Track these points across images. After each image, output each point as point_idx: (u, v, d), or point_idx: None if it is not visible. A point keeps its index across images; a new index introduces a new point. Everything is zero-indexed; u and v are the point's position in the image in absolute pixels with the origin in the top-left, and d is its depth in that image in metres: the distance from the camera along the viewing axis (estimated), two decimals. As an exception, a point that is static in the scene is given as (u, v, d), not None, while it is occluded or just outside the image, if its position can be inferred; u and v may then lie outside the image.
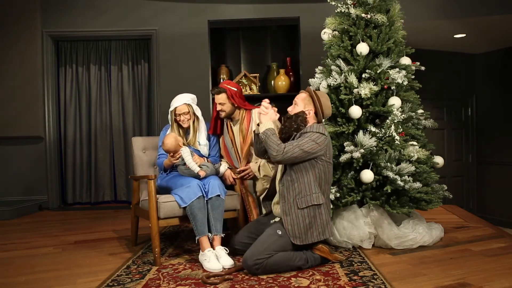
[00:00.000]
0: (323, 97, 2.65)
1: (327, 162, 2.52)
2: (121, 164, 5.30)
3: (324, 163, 2.50)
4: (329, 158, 2.54)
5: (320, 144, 2.46)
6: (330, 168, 2.57)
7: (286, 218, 2.48)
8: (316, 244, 2.52)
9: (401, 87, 3.08)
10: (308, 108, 2.61)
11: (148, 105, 5.34)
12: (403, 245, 2.88)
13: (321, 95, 2.65)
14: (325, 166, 2.51)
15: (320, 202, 2.47)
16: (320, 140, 2.46)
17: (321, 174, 2.50)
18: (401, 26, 3.27)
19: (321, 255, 2.54)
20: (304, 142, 2.44)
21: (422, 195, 2.96)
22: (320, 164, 2.49)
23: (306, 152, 2.43)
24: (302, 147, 2.42)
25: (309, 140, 2.45)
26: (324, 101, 2.63)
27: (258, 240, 2.44)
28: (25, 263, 2.78)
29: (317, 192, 2.48)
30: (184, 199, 2.65)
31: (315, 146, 2.44)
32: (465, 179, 6.85)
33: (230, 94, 3.07)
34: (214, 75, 4.31)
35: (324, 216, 2.50)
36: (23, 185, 5.07)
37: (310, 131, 2.50)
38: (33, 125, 5.03)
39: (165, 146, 2.86)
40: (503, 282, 2.21)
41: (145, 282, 2.31)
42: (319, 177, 2.50)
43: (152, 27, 5.06)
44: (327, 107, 2.64)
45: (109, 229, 3.81)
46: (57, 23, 5.06)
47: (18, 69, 4.96)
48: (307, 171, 2.49)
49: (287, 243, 2.45)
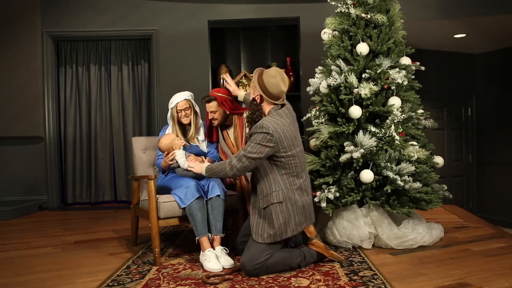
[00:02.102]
0: (266, 76, 2.41)
1: (286, 155, 2.36)
2: (121, 164, 5.30)
3: (282, 158, 2.36)
4: (287, 149, 2.36)
5: (268, 144, 2.30)
6: (293, 159, 2.39)
7: (252, 217, 2.48)
8: (311, 239, 2.56)
9: (401, 87, 3.08)
10: (255, 94, 2.45)
11: (148, 105, 5.34)
12: (403, 245, 2.88)
13: (266, 73, 2.43)
14: (285, 159, 2.37)
15: (280, 199, 2.36)
16: (266, 140, 2.29)
17: (283, 169, 2.39)
18: (401, 26, 3.27)
19: (317, 251, 2.55)
20: (250, 149, 2.31)
21: (422, 195, 2.96)
22: (277, 160, 2.37)
23: (255, 159, 2.31)
24: (249, 155, 2.31)
25: (255, 144, 2.31)
26: (267, 80, 2.40)
27: (250, 242, 2.42)
28: (25, 263, 2.78)
29: (277, 190, 2.38)
30: (183, 200, 2.65)
31: (262, 149, 2.30)
32: (465, 179, 6.85)
33: (221, 101, 3.06)
34: (214, 75, 4.30)
35: (285, 214, 2.37)
36: (23, 185, 5.07)
37: (255, 132, 2.34)
38: (33, 125, 5.03)
39: (159, 145, 2.92)
40: (503, 282, 2.21)
41: (145, 282, 2.31)
42: (282, 172, 2.39)
43: (152, 27, 5.06)
44: (270, 84, 2.39)
45: (109, 229, 3.81)
46: (57, 23, 5.06)
47: (18, 69, 4.96)
48: (270, 170, 2.40)
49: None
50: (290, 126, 2.42)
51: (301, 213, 2.44)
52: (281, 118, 2.40)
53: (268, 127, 2.31)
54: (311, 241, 2.58)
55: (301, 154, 2.50)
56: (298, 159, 2.45)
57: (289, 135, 2.38)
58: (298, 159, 2.45)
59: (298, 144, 2.47)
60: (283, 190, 2.39)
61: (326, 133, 3.08)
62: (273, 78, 2.40)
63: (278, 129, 2.33)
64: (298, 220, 2.42)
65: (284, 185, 2.40)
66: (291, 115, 2.52)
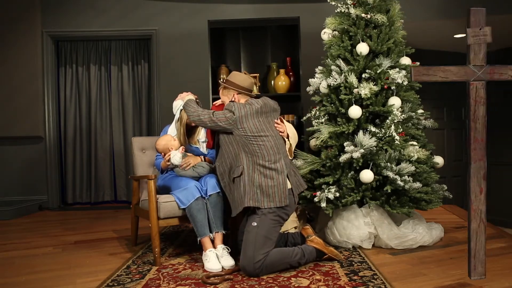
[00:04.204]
0: (232, 76, 2.76)
1: (246, 135, 2.53)
2: (121, 164, 5.30)
3: (243, 137, 2.53)
4: (247, 131, 2.54)
5: (228, 118, 2.53)
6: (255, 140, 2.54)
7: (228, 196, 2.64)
8: (309, 236, 2.60)
9: (401, 87, 3.08)
10: (231, 95, 2.75)
11: (148, 105, 5.34)
12: (403, 245, 2.88)
13: (232, 76, 2.77)
14: (246, 139, 2.53)
15: (239, 174, 2.52)
16: (228, 115, 2.54)
17: (246, 148, 2.53)
18: (401, 26, 3.27)
19: (315, 247, 2.56)
20: (215, 114, 2.57)
21: (422, 195, 2.96)
22: (238, 137, 2.55)
23: (213, 121, 2.56)
24: (213, 117, 2.56)
25: (219, 114, 2.57)
26: (235, 78, 2.74)
27: (244, 243, 2.42)
28: (25, 263, 2.78)
29: (238, 166, 2.54)
30: (183, 201, 2.65)
31: (222, 118, 2.54)
32: (465, 179, 6.85)
33: None
34: (214, 75, 4.31)
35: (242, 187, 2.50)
36: (23, 185, 5.07)
37: (224, 108, 2.63)
38: (33, 125, 5.03)
39: (156, 147, 2.94)
40: (503, 282, 2.21)
41: (145, 282, 2.31)
42: (246, 150, 2.53)
43: (152, 27, 5.07)
44: (242, 80, 2.73)
45: (109, 229, 3.82)
46: (57, 23, 5.06)
47: (18, 69, 4.97)
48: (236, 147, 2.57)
49: (268, 231, 2.43)
50: (258, 113, 2.61)
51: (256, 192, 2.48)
52: (250, 105, 2.60)
53: (234, 106, 2.56)
54: (310, 238, 2.60)
55: (273, 141, 2.59)
56: (267, 143, 2.56)
57: (253, 119, 2.58)
58: (267, 144, 2.56)
59: (266, 130, 2.60)
60: (244, 166, 2.52)
61: (326, 133, 3.08)
62: (240, 75, 2.76)
63: (242, 110, 2.55)
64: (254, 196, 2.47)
65: (246, 163, 2.52)
66: (264, 103, 2.67)
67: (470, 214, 2.13)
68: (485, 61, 2.12)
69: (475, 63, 2.13)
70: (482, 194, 2.13)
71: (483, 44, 2.12)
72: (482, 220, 2.13)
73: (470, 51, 2.13)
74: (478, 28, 2.10)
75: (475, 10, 2.11)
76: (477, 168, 2.13)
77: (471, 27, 2.10)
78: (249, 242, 2.39)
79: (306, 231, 2.67)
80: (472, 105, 2.12)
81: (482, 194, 2.13)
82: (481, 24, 2.10)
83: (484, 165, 2.13)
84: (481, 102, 2.13)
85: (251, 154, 2.52)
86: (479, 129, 2.12)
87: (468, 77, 2.13)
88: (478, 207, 2.13)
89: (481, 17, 2.10)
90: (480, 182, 2.13)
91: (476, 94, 2.13)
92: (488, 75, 2.13)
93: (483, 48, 2.13)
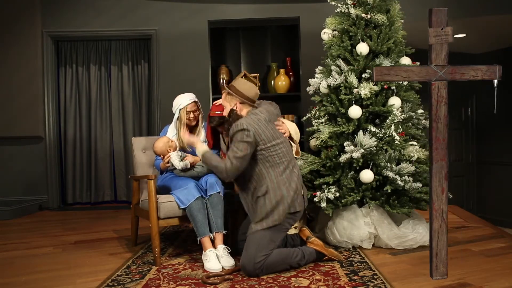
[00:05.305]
0: (238, 83, 2.60)
1: (266, 147, 2.45)
2: (121, 164, 5.30)
3: (263, 151, 2.45)
4: (266, 141, 2.45)
5: (248, 139, 2.40)
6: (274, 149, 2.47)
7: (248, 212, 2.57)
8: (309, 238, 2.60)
9: (401, 87, 3.08)
10: (233, 103, 2.59)
11: (148, 105, 5.34)
12: (403, 245, 2.88)
13: (236, 83, 2.61)
14: (266, 151, 2.45)
15: (263, 192, 2.45)
16: (245, 135, 2.40)
17: (267, 163, 2.46)
18: (401, 26, 3.27)
19: (315, 249, 2.56)
20: (235, 150, 2.41)
21: (422, 195, 2.97)
22: (259, 154, 2.45)
23: (242, 157, 2.40)
24: (237, 155, 2.39)
25: (238, 143, 2.41)
26: (242, 86, 2.58)
27: (247, 241, 2.43)
28: (25, 263, 2.79)
29: (263, 184, 2.45)
30: (183, 201, 2.65)
31: (246, 146, 2.40)
32: (465, 179, 6.85)
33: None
34: (214, 75, 4.31)
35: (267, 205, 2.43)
36: (23, 185, 5.07)
37: (233, 133, 2.45)
38: (33, 125, 5.03)
39: (154, 149, 2.93)
40: (503, 282, 2.21)
41: (145, 282, 2.31)
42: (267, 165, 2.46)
43: (152, 27, 5.07)
44: (247, 89, 2.58)
45: (109, 229, 3.82)
46: (57, 23, 5.06)
47: (18, 69, 4.97)
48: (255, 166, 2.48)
49: (274, 235, 2.43)
50: (266, 121, 2.52)
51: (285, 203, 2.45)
52: (256, 116, 2.52)
53: (243, 123, 2.43)
54: (310, 240, 2.60)
55: (286, 147, 2.56)
56: (283, 149, 2.52)
57: (265, 128, 2.48)
58: (283, 150, 2.51)
59: (278, 136, 2.55)
60: (268, 184, 2.45)
61: (326, 133, 3.08)
62: (245, 84, 2.59)
63: (252, 124, 2.44)
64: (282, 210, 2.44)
65: (269, 179, 2.46)
66: (268, 111, 2.61)
67: (431, 214, 2.13)
68: (447, 61, 2.12)
69: (437, 63, 2.14)
70: (444, 194, 2.13)
71: (444, 44, 2.12)
72: (444, 220, 2.14)
73: (432, 51, 2.14)
74: (440, 28, 2.10)
75: (436, 10, 2.11)
76: (438, 168, 2.12)
77: (433, 27, 2.10)
78: (253, 241, 2.40)
79: (304, 233, 2.67)
80: (433, 105, 2.13)
81: (444, 194, 2.13)
82: (443, 24, 2.10)
83: (446, 165, 2.12)
84: (442, 102, 2.13)
85: (272, 167, 2.47)
86: (440, 129, 2.13)
87: (430, 77, 2.13)
88: (440, 207, 2.14)
89: (443, 17, 2.11)
90: (442, 182, 2.13)
91: (438, 94, 2.13)
92: (449, 75, 2.13)
93: (444, 48, 2.13)
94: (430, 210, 2.13)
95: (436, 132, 2.11)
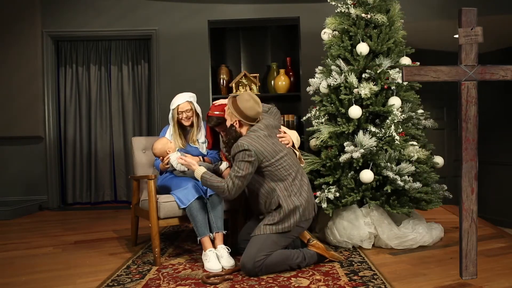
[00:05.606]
0: (241, 101, 2.53)
1: (270, 163, 2.45)
2: (121, 164, 5.30)
3: (268, 167, 2.46)
4: (269, 158, 2.45)
5: (249, 159, 2.39)
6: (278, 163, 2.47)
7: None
8: (311, 240, 2.58)
9: (401, 87, 3.08)
10: (233, 120, 2.56)
11: (148, 105, 5.34)
12: (403, 245, 2.88)
13: (239, 99, 2.54)
14: (271, 167, 2.46)
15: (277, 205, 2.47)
16: (247, 155, 2.39)
17: (274, 177, 2.47)
18: (401, 26, 3.27)
19: (317, 252, 2.55)
20: (237, 169, 2.40)
21: (422, 195, 2.97)
22: (265, 170, 2.47)
23: (244, 176, 2.40)
24: (238, 174, 2.39)
25: (239, 163, 2.41)
26: (243, 104, 2.51)
27: (250, 241, 2.44)
28: (25, 263, 2.79)
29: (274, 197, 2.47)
30: (183, 201, 2.65)
31: (247, 165, 2.40)
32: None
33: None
34: (214, 75, 4.31)
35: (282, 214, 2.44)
36: (23, 185, 5.07)
37: (235, 152, 2.44)
38: (33, 125, 5.03)
39: (153, 151, 2.93)
40: (503, 282, 2.21)
41: (145, 282, 2.31)
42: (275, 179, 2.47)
43: (152, 27, 5.06)
44: (248, 108, 2.50)
45: (109, 229, 3.82)
46: (57, 23, 5.06)
47: (18, 69, 4.96)
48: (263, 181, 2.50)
49: (280, 238, 2.44)
50: (266, 137, 2.51)
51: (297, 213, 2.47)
52: (256, 133, 2.51)
53: (243, 144, 2.41)
54: (311, 242, 2.58)
55: (291, 158, 2.55)
56: (288, 161, 2.51)
57: (266, 145, 2.47)
58: (289, 162, 2.51)
59: (281, 149, 2.53)
60: (280, 197, 2.46)
61: (326, 133, 3.08)
62: (247, 102, 2.52)
63: (253, 143, 2.43)
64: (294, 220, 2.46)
65: (280, 191, 2.47)
66: (267, 126, 2.58)
67: (461, 214, 2.13)
68: (477, 61, 2.12)
69: (467, 63, 2.13)
70: (474, 194, 2.12)
71: (474, 44, 2.11)
72: (474, 220, 2.13)
73: (462, 51, 2.13)
74: (469, 28, 2.09)
75: (466, 10, 2.10)
76: (468, 168, 2.12)
77: (462, 27, 2.10)
78: (257, 241, 2.41)
79: (304, 235, 2.66)
80: (463, 105, 2.12)
81: (474, 194, 2.12)
82: (473, 24, 2.10)
83: (476, 165, 2.12)
84: (472, 102, 2.12)
85: (281, 180, 2.47)
86: (470, 129, 2.12)
87: (460, 77, 2.13)
88: (469, 207, 2.13)
89: (472, 17, 2.10)
90: (471, 182, 2.12)
91: (467, 94, 2.12)
92: (479, 75, 2.12)
93: (474, 48, 2.12)
94: (460, 210, 2.12)
95: (466, 132, 2.10)
